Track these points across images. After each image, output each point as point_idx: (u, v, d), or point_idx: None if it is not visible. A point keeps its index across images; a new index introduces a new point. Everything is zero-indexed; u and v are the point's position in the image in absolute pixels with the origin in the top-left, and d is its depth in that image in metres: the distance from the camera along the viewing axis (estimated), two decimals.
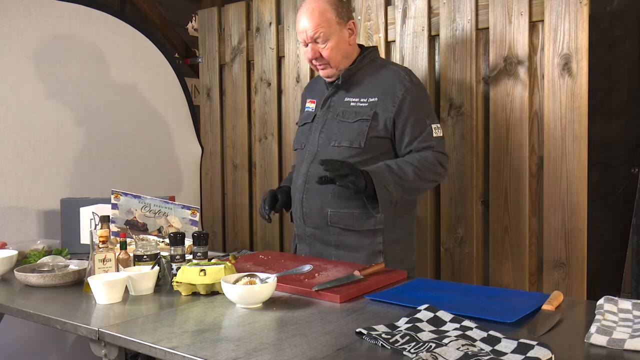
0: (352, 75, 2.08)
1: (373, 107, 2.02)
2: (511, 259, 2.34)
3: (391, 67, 2.12)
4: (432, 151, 2.01)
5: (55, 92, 2.68)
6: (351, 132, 2.02)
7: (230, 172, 3.26)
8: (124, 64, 2.98)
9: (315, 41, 2.03)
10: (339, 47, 2.04)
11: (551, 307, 1.44)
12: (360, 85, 2.08)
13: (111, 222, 1.98)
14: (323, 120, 2.11)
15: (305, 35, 2.03)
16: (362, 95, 2.05)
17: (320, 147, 2.08)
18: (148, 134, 3.10)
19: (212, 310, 1.51)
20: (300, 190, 2.11)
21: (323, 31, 2.01)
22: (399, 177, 1.93)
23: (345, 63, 2.08)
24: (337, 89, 2.11)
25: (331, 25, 2.02)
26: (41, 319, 1.54)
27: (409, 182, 1.96)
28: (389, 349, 1.20)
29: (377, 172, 1.91)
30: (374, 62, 2.12)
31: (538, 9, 2.23)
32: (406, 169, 1.95)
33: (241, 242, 3.21)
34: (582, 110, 2.16)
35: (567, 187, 2.20)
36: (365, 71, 2.09)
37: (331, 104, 2.11)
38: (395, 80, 2.03)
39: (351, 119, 2.04)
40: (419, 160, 1.98)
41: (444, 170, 2.05)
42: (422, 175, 1.98)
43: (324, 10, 2.01)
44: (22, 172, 2.56)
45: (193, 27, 3.73)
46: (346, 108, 2.06)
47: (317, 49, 2.03)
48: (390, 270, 1.82)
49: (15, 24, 2.54)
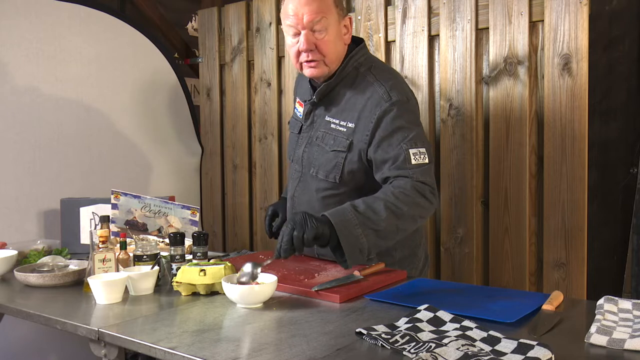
0: (330, 90, 1.81)
1: (349, 136, 1.77)
2: (511, 259, 2.34)
3: (372, 80, 1.78)
4: (410, 180, 1.68)
5: (55, 92, 2.68)
6: (327, 163, 1.81)
7: (230, 172, 3.26)
8: (124, 64, 2.98)
9: (312, 29, 1.71)
10: (336, 42, 1.75)
11: (551, 307, 1.44)
12: (339, 102, 1.81)
13: (111, 222, 1.99)
14: (307, 137, 1.90)
15: (299, 20, 1.70)
16: (341, 117, 1.79)
17: (305, 169, 1.90)
18: (148, 134, 3.10)
19: (212, 310, 1.51)
20: (289, 212, 1.99)
21: (323, 17, 1.69)
22: (366, 217, 1.60)
23: (335, 65, 1.80)
24: (315, 105, 1.86)
25: (332, 13, 1.72)
26: (41, 319, 1.54)
27: (382, 222, 1.62)
28: (388, 349, 1.20)
29: (339, 217, 1.59)
30: (357, 70, 1.82)
31: (538, 9, 2.23)
32: (376, 207, 1.62)
33: (241, 242, 3.21)
34: (582, 110, 2.16)
35: (567, 187, 2.20)
36: (346, 84, 1.80)
37: (314, 119, 1.88)
38: (373, 102, 1.74)
39: (328, 146, 1.80)
40: (393, 192, 1.65)
41: (426, 202, 1.70)
42: (397, 211, 1.63)
43: None
44: (22, 172, 2.56)
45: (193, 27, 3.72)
46: (326, 131, 1.82)
47: (312, 38, 1.72)
48: (390, 270, 1.82)
49: (15, 24, 2.54)
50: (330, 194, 1.83)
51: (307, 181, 1.90)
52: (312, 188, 1.88)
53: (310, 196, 1.88)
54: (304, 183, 1.91)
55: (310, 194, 1.87)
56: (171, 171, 3.23)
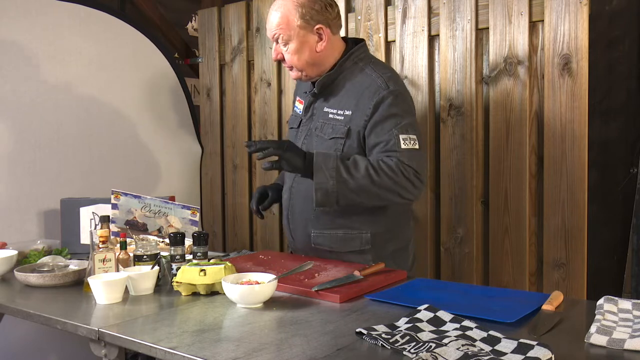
0: (331, 82, 1.94)
1: (347, 123, 1.88)
2: (511, 259, 2.34)
3: (370, 72, 1.90)
4: (396, 160, 1.79)
5: (55, 92, 2.68)
6: (326, 150, 1.89)
7: (230, 172, 3.26)
8: (124, 64, 2.98)
9: (277, 42, 1.91)
10: (301, 53, 1.89)
11: (551, 307, 1.44)
12: (338, 93, 1.93)
13: (111, 222, 1.99)
14: (306, 130, 2.01)
15: (269, 34, 1.93)
16: (339, 107, 1.91)
17: None
18: (148, 134, 3.10)
19: (212, 310, 1.51)
20: (286, 205, 2.05)
21: (281, 33, 1.88)
22: (346, 167, 1.77)
23: (314, 70, 1.93)
24: (316, 97, 1.98)
25: (291, 28, 1.87)
26: (41, 319, 1.54)
27: (358, 179, 1.76)
28: (389, 349, 1.20)
29: (322, 155, 1.79)
30: (357, 64, 1.94)
31: (538, 9, 2.23)
32: (359, 164, 1.78)
33: (241, 242, 3.21)
34: (582, 110, 2.16)
35: (567, 187, 2.20)
36: (345, 77, 1.93)
37: (314, 111, 2.00)
38: (371, 90, 1.86)
39: (327, 135, 1.92)
40: (377, 161, 1.79)
41: (408, 184, 1.79)
42: (375, 178, 1.76)
43: (287, 11, 1.87)
44: (22, 172, 2.56)
45: (193, 27, 3.72)
46: (325, 121, 1.94)
47: (279, 50, 1.92)
48: (390, 270, 1.82)
49: (15, 24, 2.54)
50: None
51: None
52: None
53: (307, 187, 1.90)
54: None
55: (307, 185, 1.89)
56: (171, 171, 3.23)
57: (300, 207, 1.99)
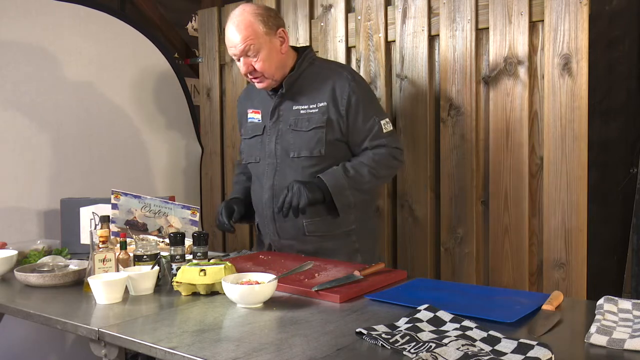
0: (294, 81, 2.06)
1: (325, 113, 2.01)
2: (511, 259, 2.34)
3: (332, 67, 2.13)
4: (386, 148, 2.05)
5: (55, 92, 2.68)
6: (309, 141, 2.02)
7: (230, 172, 3.25)
8: (124, 64, 2.98)
9: (247, 55, 1.98)
10: (271, 58, 1.99)
11: (551, 307, 1.44)
12: (305, 91, 2.06)
13: (111, 222, 1.99)
14: (275, 131, 2.08)
15: (236, 50, 1.99)
16: (311, 102, 2.04)
17: (280, 159, 2.07)
18: (148, 134, 3.10)
19: (212, 310, 1.51)
20: (268, 205, 2.10)
21: (252, 44, 1.96)
22: (355, 181, 2.00)
23: (280, 73, 2.04)
24: (283, 97, 2.07)
25: (259, 37, 1.97)
26: (41, 319, 1.54)
27: (365, 184, 2.04)
28: (389, 349, 1.20)
29: (333, 181, 1.97)
30: (313, 64, 2.10)
31: (538, 9, 2.23)
32: (362, 171, 2.01)
33: (241, 242, 3.21)
34: (582, 110, 2.16)
35: (567, 187, 2.20)
36: (307, 75, 2.07)
37: (280, 113, 2.08)
38: (340, 81, 2.03)
39: (305, 127, 2.03)
40: (374, 159, 2.03)
41: (398, 163, 2.12)
42: (377, 174, 2.05)
43: (250, 22, 1.97)
44: (22, 172, 2.56)
45: (193, 27, 3.73)
46: (297, 117, 2.05)
47: (250, 62, 1.99)
48: (390, 270, 1.82)
49: (15, 24, 2.54)
50: (316, 169, 2.02)
51: (284, 170, 2.07)
52: (295, 170, 2.05)
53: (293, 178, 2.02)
54: (281, 172, 2.07)
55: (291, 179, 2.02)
56: (171, 171, 3.23)
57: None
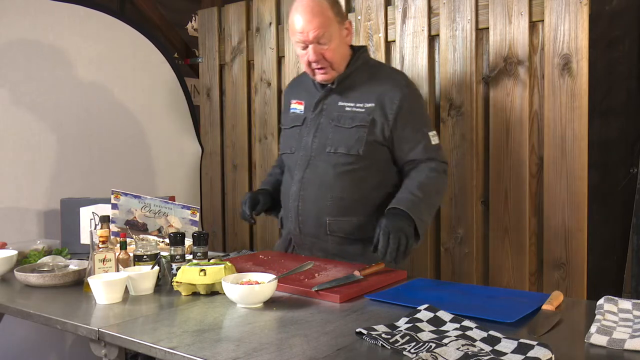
0: (346, 78, 2.00)
1: (370, 113, 1.95)
2: (511, 259, 2.34)
3: (386, 70, 2.09)
4: (436, 162, 1.99)
5: (55, 92, 2.68)
6: (348, 139, 1.95)
7: (230, 172, 3.26)
8: (124, 64, 2.98)
9: (318, 42, 1.90)
10: (340, 48, 1.95)
11: (551, 307, 1.44)
12: (355, 89, 2.00)
13: (111, 222, 1.98)
14: (315, 124, 2.03)
15: (306, 37, 1.90)
16: (358, 101, 1.98)
17: (315, 153, 2.01)
18: (148, 134, 3.10)
19: (212, 310, 1.51)
20: (294, 197, 2.03)
21: (326, 31, 1.89)
22: (427, 205, 1.94)
23: (343, 65, 1.99)
24: (330, 92, 2.02)
25: (332, 24, 1.91)
26: (41, 319, 1.54)
27: (435, 205, 2.04)
28: (389, 349, 1.20)
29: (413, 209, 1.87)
30: (367, 64, 2.05)
31: (538, 9, 2.23)
32: (430, 191, 1.95)
33: (241, 242, 3.21)
34: (582, 110, 2.16)
35: (567, 187, 2.20)
36: (359, 74, 2.01)
37: (324, 107, 2.03)
38: (393, 86, 1.97)
39: (347, 124, 1.97)
40: (432, 178, 1.97)
41: (447, 178, 2.10)
42: (440, 191, 2.04)
43: (324, 7, 1.90)
44: (21, 172, 2.56)
45: (193, 27, 3.72)
46: (341, 113, 1.99)
47: (320, 50, 1.91)
48: (390, 270, 1.82)
49: (15, 24, 2.54)
50: (351, 168, 1.96)
51: (317, 164, 2.01)
52: (328, 166, 1.99)
53: (322, 176, 1.99)
54: (314, 166, 2.01)
55: (322, 174, 1.99)
56: (171, 171, 3.23)
57: (315, 196, 1.99)
